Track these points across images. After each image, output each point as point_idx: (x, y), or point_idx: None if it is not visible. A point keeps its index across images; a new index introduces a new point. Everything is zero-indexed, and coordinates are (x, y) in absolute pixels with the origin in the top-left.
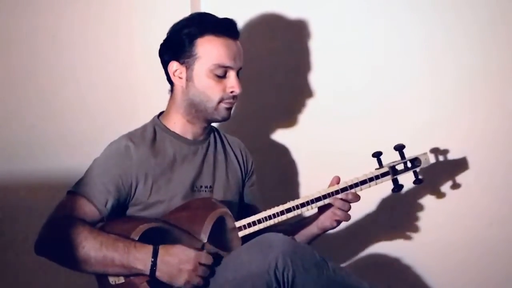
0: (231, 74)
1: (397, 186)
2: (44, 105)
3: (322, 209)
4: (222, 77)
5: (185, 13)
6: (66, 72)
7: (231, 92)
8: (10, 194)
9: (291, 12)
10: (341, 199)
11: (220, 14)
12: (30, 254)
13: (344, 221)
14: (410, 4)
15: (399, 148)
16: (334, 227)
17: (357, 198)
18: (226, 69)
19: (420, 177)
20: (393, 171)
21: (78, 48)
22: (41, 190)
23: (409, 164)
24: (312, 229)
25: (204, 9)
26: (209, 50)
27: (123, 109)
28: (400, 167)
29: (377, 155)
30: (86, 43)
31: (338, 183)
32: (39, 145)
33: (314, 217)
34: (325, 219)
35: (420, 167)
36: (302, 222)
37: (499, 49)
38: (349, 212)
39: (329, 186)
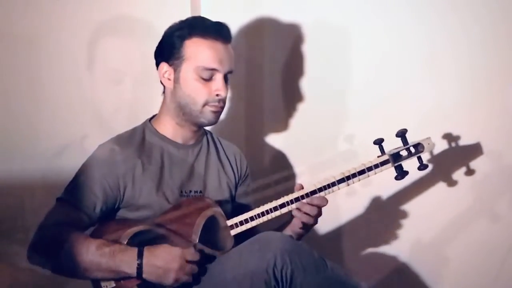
0: (218, 77)
1: (401, 173)
2: (45, 104)
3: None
4: (208, 80)
5: (185, 14)
6: (66, 71)
7: (217, 95)
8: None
9: (290, 14)
10: (308, 203)
11: (219, 16)
12: None
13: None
14: (410, 3)
15: (401, 134)
16: (303, 234)
17: (323, 201)
18: (212, 72)
19: (424, 162)
20: (394, 158)
21: (78, 49)
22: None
23: (412, 150)
24: (287, 233)
25: (203, 10)
26: (195, 52)
27: (122, 108)
28: (403, 153)
29: (379, 142)
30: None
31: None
32: (38, 144)
33: (288, 221)
34: (296, 224)
35: (423, 152)
36: (278, 226)
37: (499, 48)
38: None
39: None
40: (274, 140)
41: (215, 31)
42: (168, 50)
